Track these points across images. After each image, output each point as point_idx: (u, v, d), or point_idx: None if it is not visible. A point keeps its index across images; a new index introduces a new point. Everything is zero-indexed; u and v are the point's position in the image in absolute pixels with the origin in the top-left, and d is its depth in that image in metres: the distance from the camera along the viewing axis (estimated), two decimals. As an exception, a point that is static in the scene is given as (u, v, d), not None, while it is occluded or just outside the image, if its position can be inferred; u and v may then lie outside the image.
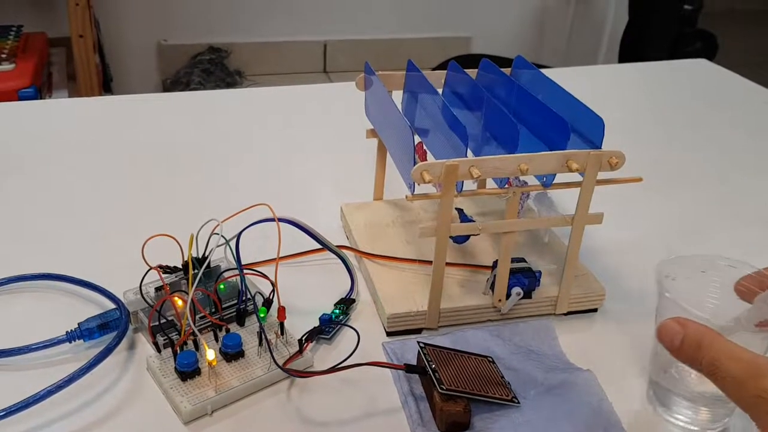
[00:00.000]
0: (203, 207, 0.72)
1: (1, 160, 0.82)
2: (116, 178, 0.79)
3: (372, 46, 2.64)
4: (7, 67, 1.75)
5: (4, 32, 1.91)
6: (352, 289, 0.61)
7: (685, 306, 0.46)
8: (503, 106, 0.57)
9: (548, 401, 0.51)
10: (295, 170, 0.82)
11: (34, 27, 2.02)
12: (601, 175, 0.55)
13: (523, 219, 0.57)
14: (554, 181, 0.55)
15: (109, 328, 0.54)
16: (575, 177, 0.55)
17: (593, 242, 0.69)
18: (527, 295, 0.58)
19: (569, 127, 0.54)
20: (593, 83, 1.13)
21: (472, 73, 0.66)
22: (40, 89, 1.76)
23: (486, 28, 2.78)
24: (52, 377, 0.48)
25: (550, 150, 0.55)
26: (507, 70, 0.66)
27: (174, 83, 2.43)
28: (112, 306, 0.56)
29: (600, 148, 0.55)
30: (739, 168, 0.90)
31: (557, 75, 0.65)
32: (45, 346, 0.53)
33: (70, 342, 0.53)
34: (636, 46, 2.24)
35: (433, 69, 0.74)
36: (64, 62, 2.07)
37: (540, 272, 0.59)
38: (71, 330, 0.53)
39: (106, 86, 2.13)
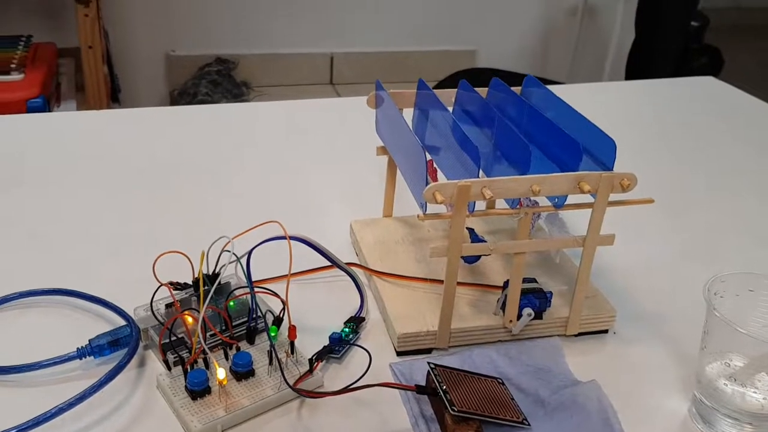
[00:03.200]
0: (213, 223, 0.73)
1: (10, 173, 0.82)
2: (126, 193, 0.79)
3: (378, 58, 2.65)
4: (16, 77, 1.75)
5: (13, 42, 1.92)
6: (361, 307, 0.61)
7: (733, 324, 0.47)
8: (514, 126, 0.57)
9: (557, 419, 0.51)
10: (305, 185, 0.83)
11: (44, 37, 2.03)
12: (613, 197, 0.55)
13: (534, 240, 0.57)
14: (566, 202, 0.55)
15: (119, 345, 0.54)
16: (587, 198, 0.55)
17: (603, 262, 0.69)
18: (538, 315, 0.58)
19: (581, 149, 0.54)
20: (599, 100, 1.13)
21: (482, 91, 0.66)
22: (48, 99, 1.76)
23: (491, 41, 2.78)
24: (62, 394, 0.48)
25: (562, 171, 0.55)
26: (517, 89, 0.67)
27: (181, 94, 2.43)
28: (123, 323, 0.56)
29: (611, 169, 0.55)
30: (747, 186, 0.89)
31: (562, 91, 0.65)
32: (55, 363, 0.53)
33: (81, 359, 0.53)
34: (642, 62, 2.24)
35: (439, 82, 0.74)
36: (72, 72, 2.08)
37: (551, 293, 0.58)
38: (82, 346, 0.53)
39: (114, 97, 2.14)
